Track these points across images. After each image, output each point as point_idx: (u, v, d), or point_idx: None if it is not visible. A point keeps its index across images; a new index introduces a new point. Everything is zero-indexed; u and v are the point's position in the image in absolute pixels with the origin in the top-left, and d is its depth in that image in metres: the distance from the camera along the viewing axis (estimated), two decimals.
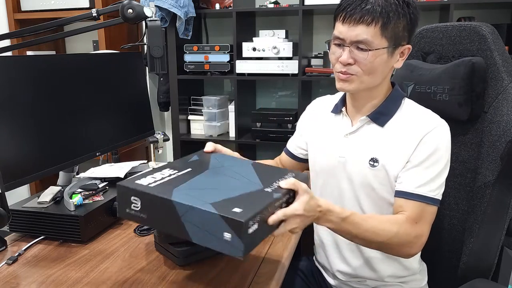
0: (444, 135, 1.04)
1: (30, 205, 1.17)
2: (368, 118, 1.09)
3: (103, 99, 1.39)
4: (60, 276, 0.98)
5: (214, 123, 2.71)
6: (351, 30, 0.99)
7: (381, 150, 1.06)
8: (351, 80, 1.03)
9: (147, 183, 0.81)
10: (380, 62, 1.01)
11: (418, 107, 1.10)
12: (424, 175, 1.01)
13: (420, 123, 1.05)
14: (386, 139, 1.06)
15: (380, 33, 0.98)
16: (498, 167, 1.12)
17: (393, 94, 1.10)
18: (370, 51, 0.99)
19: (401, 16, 0.99)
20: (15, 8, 2.64)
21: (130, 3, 1.28)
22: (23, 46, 1.45)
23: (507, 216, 1.09)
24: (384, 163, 1.05)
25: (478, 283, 1.07)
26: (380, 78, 1.05)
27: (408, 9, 1.00)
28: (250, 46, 2.48)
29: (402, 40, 1.03)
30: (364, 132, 1.10)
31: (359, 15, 0.97)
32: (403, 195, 1.02)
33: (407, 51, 1.06)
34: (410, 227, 0.98)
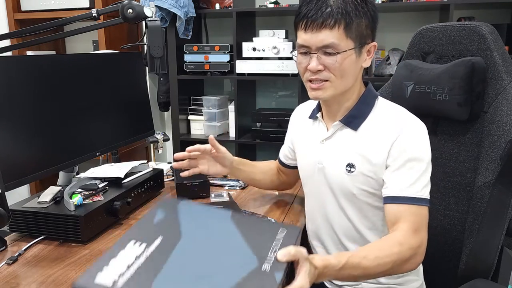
0: (418, 134, 1.02)
1: (30, 205, 1.17)
2: (341, 123, 1.08)
3: (103, 99, 1.39)
4: (60, 276, 0.98)
5: (214, 123, 2.71)
6: (315, 36, 0.98)
7: (356, 155, 1.05)
8: (324, 88, 1.02)
9: (112, 280, 0.60)
10: (349, 63, 1.01)
11: (391, 107, 1.08)
12: (408, 176, 0.99)
13: (393, 124, 1.02)
14: (360, 143, 1.05)
15: (344, 34, 0.98)
16: (498, 167, 1.12)
17: (365, 95, 1.08)
18: (338, 54, 0.98)
19: (362, 15, 0.99)
20: (15, 8, 2.64)
21: (130, 3, 1.28)
22: (23, 46, 1.45)
23: (507, 216, 1.09)
24: (361, 168, 1.04)
25: (478, 283, 1.07)
26: (352, 80, 1.04)
27: (367, 7, 1.01)
28: (250, 46, 2.48)
29: (367, 39, 1.03)
30: (339, 137, 1.09)
31: (320, 19, 0.97)
32: (392, 200, 0.99)
33: (373, 49, 1.05)
34: (410, 240, 0.95)
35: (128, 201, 1.26)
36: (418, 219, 0.98)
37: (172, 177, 1.65)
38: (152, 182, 1.44)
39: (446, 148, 1.27)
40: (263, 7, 2.51)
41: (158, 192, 1.51)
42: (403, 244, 0.93)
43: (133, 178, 1.39)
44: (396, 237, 0.95)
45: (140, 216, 1.31)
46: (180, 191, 1.42)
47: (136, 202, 1.34)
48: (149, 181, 1.42)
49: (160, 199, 0.85)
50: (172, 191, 1.52)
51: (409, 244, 0.94)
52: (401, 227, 0.96)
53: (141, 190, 1.37)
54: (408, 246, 0.94)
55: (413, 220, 0.97)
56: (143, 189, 1.38)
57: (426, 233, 0.99)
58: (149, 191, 1.42)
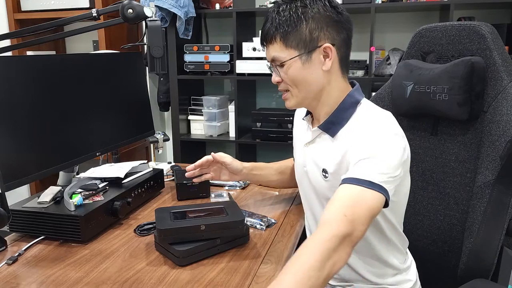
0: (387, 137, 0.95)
1: (30, 205, 1.17)
2: (319, 130, 1.07)
3: (103, 99, 1.39)
4: (60, 276, 0.98)
5: (214, 123, 2.71)
6: (267, 52, 1.06)
7: (329, 161, 1.04)
8: (288, 98, 1.07)
9: None
10: (296, 72, 1.02)
11: (371, 113, 1.03)
12: (360, 164, 0.92)
13: (366, 126, 0.98)
14: (335, 149, 1.03)
15: (284, 45, 1.01)
16: (498, 167, 1.12)
17: (345, 101, 1.04)
18: (284, 65, 1.02)
19: (299, 22, 0.99)
20: (15, 8, 2.64)
21: (130, 3, 1.29)
22: (23, 46, 1.45)
23: (506, 216, 1.09)
24: (333, 174, 1.03)
25: (478, 283, 1.07)
26: (312, 86, 1.03)
27: (306, 12, 0.99)
28: (250, 46, 2.48)
29: (317, 42, 1.00)
30: (319, 143, 1.10)
31: (263, 36, 1.05)
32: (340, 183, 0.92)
33: (330, 50, 1.00)
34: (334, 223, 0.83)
35: (128, 201, 1.26)
36: (355, 203, 0.87)
37: (172, 177, 1.65)
38: (152, 182, 1.44)
39: (446, 148, 1.27)
40: (263, 7, 2.51)
41: (158, 192, 1.51)
42: (325, 233, 0.82)
43: (133, 178, 1.39)
44: (318, 230, 0.84)
45: (140, 216, 1.31)
46: (180, 191, 1.43)
47: (136, 202, 1.35)
48: (149, 181, 1.42)
49: None
50: (172, 191, 1.52)
51: (333, 230, 0.82)
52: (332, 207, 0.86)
53: (141, 190, 1.37)
54: (331, 234, 0.81)
55: (347, 203, 0.87)
56: (143, 189, 1.38)
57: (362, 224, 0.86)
58: (149, 191, 1.42)
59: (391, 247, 1.11)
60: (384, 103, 1.36)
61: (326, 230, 0.82)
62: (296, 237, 1.19)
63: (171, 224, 1.04)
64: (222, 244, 1.07)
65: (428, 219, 1.31)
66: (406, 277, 1.15)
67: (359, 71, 2.44)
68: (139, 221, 1.27)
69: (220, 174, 1.33)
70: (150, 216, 1.31)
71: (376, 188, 0.89)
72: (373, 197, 0.89)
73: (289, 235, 1.18)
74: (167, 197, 1.47)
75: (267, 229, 1.21)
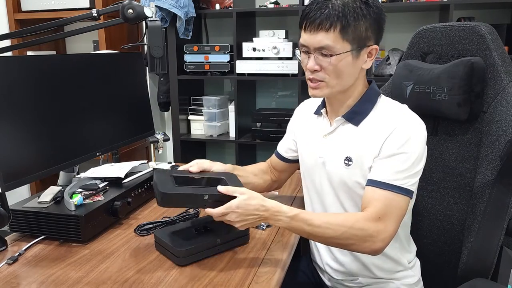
0: (415, 129, 1.03)
1: (30, 205, 1.17)
2: (343, 119, 1.10)
3: (103, 99, 1.39)
4: (60, 276, 0.98)
5: (214, 123, 2.71)
6: (313, 37, 1.01)
7: (354, 148, 1.07)
8: (321, 87, 1.06)
9: None
10: (345, 65, 1.02)
11: (393, 104, 1.10)
12: (391, 165, 1.01)
13: (389, 121, 1.04)
14: (360, 137, 1.07)
15: (340, 37, 0.99)
16: (498, 167, 1.12)
17: (368, 93, 1.10)
18: (333, 56, 1.00)
19: (361, 18, 0.99)
20: (15, 8, 2.64)
21: (131, 3, 1.29)
22: (23, 46, 1.45)
23: (506, 216, 1.09)
24: (358, 161, 1.06)
25: (478, 283, 1.07)
26: (350, 80, 1.06)
27: (368, 10, 1.00)
28: (250, 46, 2.48)
29: (367, 41, 1.03)
30: (341, 132, 1.11)
31: (318, 21, 0.99)
32: (370, 183, 1.02)
33: (374, 52, 1.06)
34: (368, 222, 0.97)
35: (129, 201, 1.26)
36: (387, 206, 0.99)
37: None
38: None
39: (446, 148, 1.27)
40: (263, 7, 2.51)
41: None
42: (358, 223, 0.97)
43: (134, 178, 1.39)
44: (355, 215, 0.99)
45: (140, 216, 1.31)
46: None
47: (137, 202, 1.35)
48: (149, 181, 1.42)
49: None
50: None
51: (364, 226, 0.96)
52: (366, 211, 0.99)
53: (141, 190, 1.37)
54: (361, 227, 0.96)
55: (381, 206, 0.98)
56: (143, 189, 1.38)
57: (392, 223, 0.99)
58: (149, 191, 1.42)
59: (401, 245, 1.14)
60: None
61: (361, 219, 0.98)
62: (295, 237, 1.19)
63: (175, 188, 1.02)
64: (222, 244, 1.07)
65: (428, 219, 1.31)
66: (410, 273, 1.17)
67: None
68: (139, 221, 1.27)
69: None
70: (150, 216, 1.31)
71: (404, 193, 1.00)
72: (402, 201, 1.00)
73: (289, 235, 1.18)
74: None
75: (267, 229, 1.21)
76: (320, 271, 1.26)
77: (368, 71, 2.39)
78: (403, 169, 1.00)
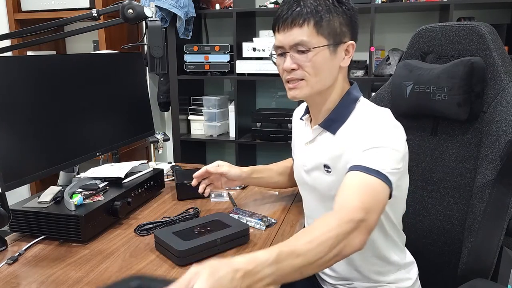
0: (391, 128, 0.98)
1: (30, 205, 1.17)
2: (320, 128, 1.08)
3: (103, 99, 1.39)
4: (60, 276, 0.98)
5: (214, 123, 2.71)
6: (288, 35, 1.00)
7: (332, 157, 1.04)
8: (300, 87, 1.03)
9: None
10: (322, 60, 1.00)
11: (371, 109, 1.05)
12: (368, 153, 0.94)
13: (368, 120, 1.00)
14: (337, 146, 1.04)
15: (315, 31, 0.98)
16: (498, 167, 1.12)
17: (345, 99, 1.07)
18: (309, 51, 0.99)
19: (333, 13, 0.99)
20: (15, 8, 2.64)
21: (131, 3, 1.29)
22: (23, 46, 1.45)
23: (506, 216, 1.09)
24: (336, 169, 1.04)
25: (478, 283, 1.08)
26: (329, 79, 1.04)
27: (341, 6, 1.01)
28: (250, 46, 2.48)
29: (343, 37, 1.02)
30: (320, 141, 1.10)
31: (290, 19, 0.99)
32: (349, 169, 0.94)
33: (351, 48, 1.04)
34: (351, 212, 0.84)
35: (129, 201, 1.26)
36: (369, 192, 0.89)
37: (172, 177, 1.65)
38: (152, 182, 1.44)
39: (446, 148, 1.27)
40: (263, 7, 2.51)
41: (158, 192, 1.51)
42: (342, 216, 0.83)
43: (134, 178, 1.39)
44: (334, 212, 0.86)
45: (140, 216, 1.31)
46: (180, 191, 1.43)
47: (137, 202, 1.35)
48: (149, 181, 1.42)
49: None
50: (172, 191, 1.52)
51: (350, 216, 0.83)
52: (347, 199, 0.87)
53: (141, 190, 1.37)
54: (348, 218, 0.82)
55: (363, 192, 0.88)
56: (143, 189, 1.38)
57: (374, 213, 0.87)
58: (149, 191, 1.42)
59: (391, 244, 1.11)
60: (383, 103, 1.36)
61: (343, 214, 0.84)
62: None
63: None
64: (222, 244, 1.07)
65: (428, 219, 1.31)
66: (406, 275, 1.14)
67: (359, 71, 2.45)
68: (139, 221, 1.27)
69: (220, 183, 1.33)
70: (150, 216, 1.31)
71: (383, 179, 0.91)
72: (382, 188, 0.91)
73: (289, 235, 1.18)
74: (167, 197, 1.47)
75: (267, 229, 1.21)
76: (318, 276, 1.25)
77: (369, 70, 2.40)
78: (383, 158, 0.93)
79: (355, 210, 0.85)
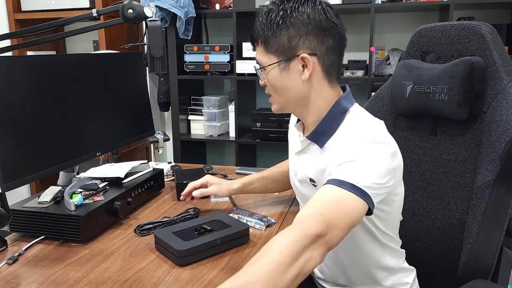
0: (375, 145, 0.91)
1: (30, 205, 1.17)
2: (308, 140, 1.05)
3: (103, 99, 1.39)
4: (60, 276, 0.98)
5: (214, 123, 2.71)
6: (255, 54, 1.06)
7: (317, 171, 1.02)
8: (272, 102, 1.07)
9: None
10: (274, 78, 1.01)
11: (360, 121, 0.99)
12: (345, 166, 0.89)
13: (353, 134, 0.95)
14: (323, 159, 1.01)
15: (264, 50, 1.01)
16: (498, 167, 1.12)
17: (332, 111, 1.01)
18: (264, 69, 1.02)
19: (278, 30, 0.97)
20: (15, 8, 2.64)
21: (130, 3, 1.29)
22: (23, 46, 1.45)
23: (506, 216, 1.09)
24: (321, 184, 0.99)
25: (478, 283, 1.07)
26: (291, 94, 1.01)
27: (288, 17, 0.96)
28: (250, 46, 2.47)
29: (294, 51, 0.97)
30: (308, 152, 1.07)
31: (251, 39, 1.05)
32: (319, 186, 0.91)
33: (307, 61, 0.96)
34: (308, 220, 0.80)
35: (129, 201, 1.26)
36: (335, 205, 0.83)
37: (172, 177, 1.65)
38: (153, 182, 1.44)
39: (446, 148, 1.27)
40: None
41: (159, 192, 1.51)
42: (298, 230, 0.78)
43: (134, 178, 1.39)
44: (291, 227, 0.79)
45: (140, 216, 1.31)
46: (180, 191, 1.43)
47: (137, 202, 1.35)
48: (149, 181, 1.42)
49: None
50: (172, 191, 1.52)
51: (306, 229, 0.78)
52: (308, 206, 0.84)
53: (141, 190, 1.37)
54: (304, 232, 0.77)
55: (328, 204, 0.83)
56: (143, 189, 1.38)
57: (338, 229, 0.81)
58: (150, 191, 1.42)
59: (386, 250, 1.09)
60: (383, 103, 1.36)
61: (299, 228, 0.78)
62: None
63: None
64: (222, 244, 1.07)
65: (428, 219, 1.31)
66: (404, 280, 1.13)
67: (359, 71, 2.45)
68: (139, 221, 1.27)
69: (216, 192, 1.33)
70: (150, 216, 1.31)
71: (358, 193, 0.85)
72: (354, 203, 0.85)
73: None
74: (167, 197, 1.47)
75: (267, 229, 1.21)
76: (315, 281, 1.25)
77: (369, 70, 2.40)
78: (362, 172, 0.87)
79: (313, 222, 0.79)
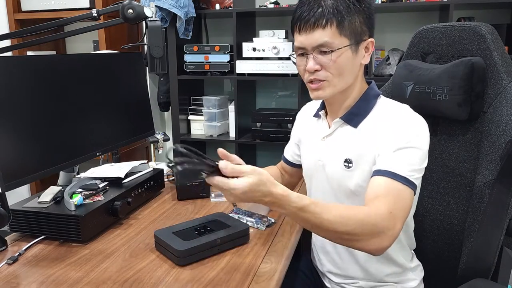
0: (422, 126, 1.02)
1: (30, 205, 1.17)
2: (341, 120, 1.09)
3: (103, 99, 1.39)
4: (60, 276, 0.98)
5: (214, 123, 2.71)
6: (310, 37, 1.01)
7: (354, 151, 1.06)
8: (323, 87, 1.04)
9: None
10: (345, 60, 1.02)
11: (393, 105, 1.08)
12: (397, 157, 0.98)
13: (395, 115, 1.03)
14: (359, 139, 1.05)
15: (337, 32, 1.00)
16: (498, 167, 1.12)
17: (367, 94, 1.09)
18: (333, 52, 1.00)
19: (354, 12, 1.00)
20: (15, 8, 2.64)
21: (131, 3, 1.29)
22: (23, 46, 1.45)
23: (506, 216, 1.09)
24: (358, 163, 1.05)
25: (478, 283, 1.07)
26: (351, 77, 1.06)
27: (361, 5, 1.02)
28: (250, 46, 2.48)
29: (363, 35, 1.04)
30: (339, 134, 1.10)
31: (313, 20, 0.99)
32: (376, 173, 0.98)
33: (371, 45, 1.06)
34: (379, 218, 0.90)
35: (129, 201, 1.26)
36: (397, 200, 0.94)
37: (172, 177, 1.65)
38: (152, 182, 1.44)
39: (446, 148, 1.27)
40: (263, 8, 2.51)
41: (158, 192, 1.51)
42: (370, 218, 0.90)
43: (134, 178, 1.39)
44: (366, 209, 0.92)
45: (140, 216, 1.31)
46: (180, 191, 1.43)
47: (137, 202, 1.35)
48: (149, 181, 1.42)
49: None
50: (172, 191, 1.52)
51: (377, 220, 0.90)
52: (377, 204, 0.92)
53: (141, 190, 1.37)
54: (374, 222, 0.89)
55: (392, 200, 0.93)
56: (143, 189, 1.38)
57: (402, 220, 0.93)
58: (149, 191, 1.42)
59: (398, 245, 1.11)
60: None
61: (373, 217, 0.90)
62: (296, 237, 1.19)
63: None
64: (222, 244, 1.07)
65: (428, 219, 1.31)
66: (412, 276, 1.16)
67: None
68: (139, 221, 1.27)
69: None
70: (150, 216, 1.31)
71: (410, 185, 0.95)
72: (409, 195, 0.96)
73: (289, 235, 1.18)
74: (167, 197, 1.47)
75: (267, 229, 1.21)
76: (320, 274, 1.26)
77: (368, 70, 2.40)
78: (410, 162, 0.97)
79: (383, 217, 0.90)
